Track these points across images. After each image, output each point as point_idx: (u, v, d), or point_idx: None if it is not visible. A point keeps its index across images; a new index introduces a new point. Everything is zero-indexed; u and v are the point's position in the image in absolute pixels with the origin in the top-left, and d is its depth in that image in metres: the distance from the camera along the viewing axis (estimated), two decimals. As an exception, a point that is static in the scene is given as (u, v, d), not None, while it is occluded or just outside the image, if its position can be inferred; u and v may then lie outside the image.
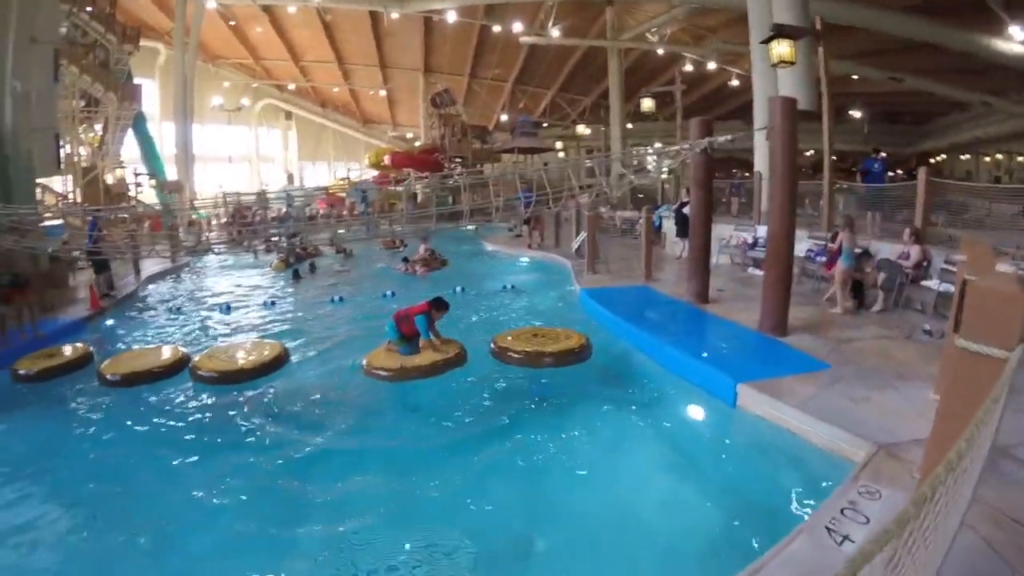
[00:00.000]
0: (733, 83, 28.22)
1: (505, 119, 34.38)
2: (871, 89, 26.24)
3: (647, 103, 18.49)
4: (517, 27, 24.72)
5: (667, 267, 11.17)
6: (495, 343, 5.96)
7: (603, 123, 30.11)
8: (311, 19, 27.33)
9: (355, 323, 8.43)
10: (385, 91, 34.98)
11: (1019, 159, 30.90)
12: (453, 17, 24.70)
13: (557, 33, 24.76)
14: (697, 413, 5.05)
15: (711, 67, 26.16)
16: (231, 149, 35.37)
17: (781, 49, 9.69)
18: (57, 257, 10.10)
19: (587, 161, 8.32)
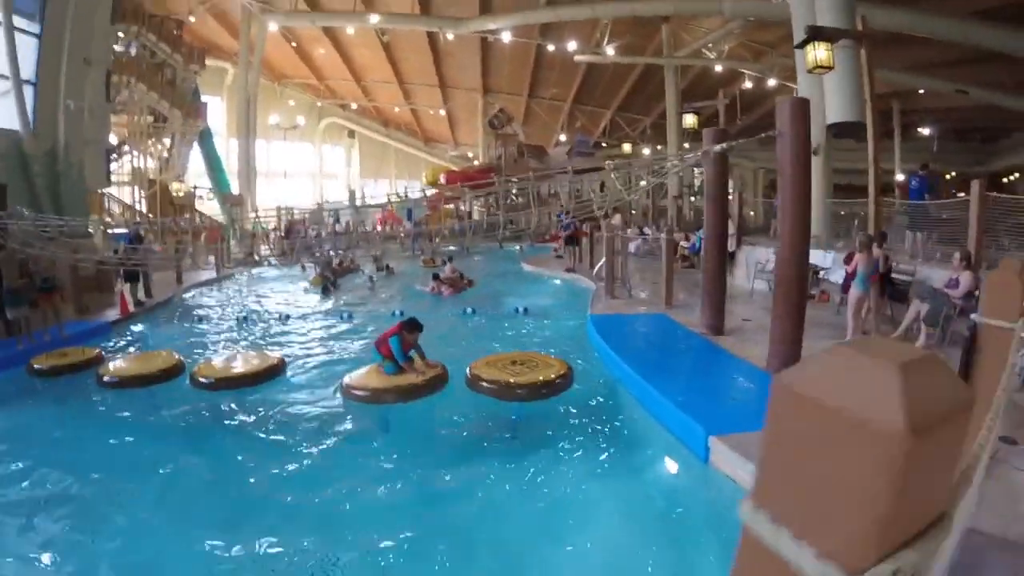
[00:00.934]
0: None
1: (564, 139, 34.27)
2: (938, 104, 24.27)
3: (689, 119, 17.78)
4: (572, 46, 24.63)
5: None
6: (470, 370, 5.55)
7: (664, 143, 29.47)
8: (371, 39, 28.36)
9: (357, 339, 8.43)
10: (445, 110, 35.72)
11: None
12: (508, 37, 24.88)
13: (612, 51, 24.41)
14: (664, 468, 4.39)
15: (771, 83, 24.99)
16: (294, 165, 36.96)
17: (818, 53, 8.92)
18: (103, 263, 10.74)
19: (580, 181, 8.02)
